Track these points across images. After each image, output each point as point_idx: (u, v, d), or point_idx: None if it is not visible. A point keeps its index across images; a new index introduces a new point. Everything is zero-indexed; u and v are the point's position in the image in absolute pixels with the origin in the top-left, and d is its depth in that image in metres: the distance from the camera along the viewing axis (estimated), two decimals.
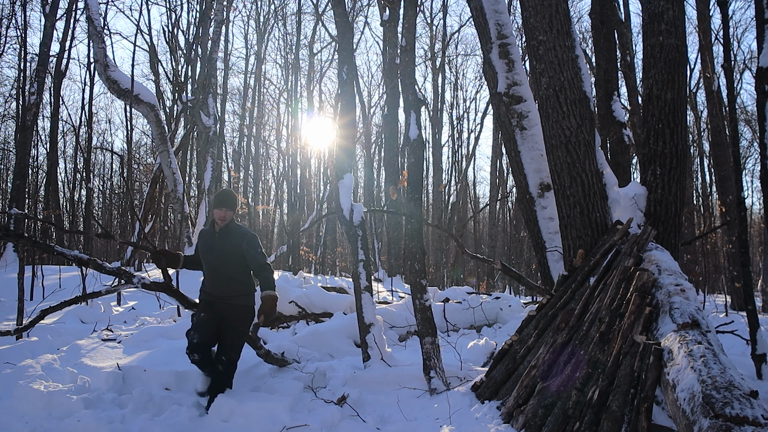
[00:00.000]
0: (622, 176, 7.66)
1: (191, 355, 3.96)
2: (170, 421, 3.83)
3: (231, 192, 4.34)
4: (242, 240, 4.15)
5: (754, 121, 23.80)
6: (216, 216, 4.18)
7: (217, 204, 4.18)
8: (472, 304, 8.50)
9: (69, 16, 17.59)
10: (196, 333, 4.00)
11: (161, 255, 4.38)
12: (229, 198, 4.23)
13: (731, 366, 2.46)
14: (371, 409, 4.21)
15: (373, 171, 27.85)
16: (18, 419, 3.77)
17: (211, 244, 4.19)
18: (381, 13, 16.18)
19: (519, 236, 25.02)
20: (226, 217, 4.17)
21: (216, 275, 4.17)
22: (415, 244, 5.03)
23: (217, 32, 17.23)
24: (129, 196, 17.92)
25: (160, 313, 9.13)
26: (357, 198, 26.84)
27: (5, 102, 22.97)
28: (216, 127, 17.32)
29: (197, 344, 3.97)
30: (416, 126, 5.24)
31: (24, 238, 3.18)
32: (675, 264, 3.71)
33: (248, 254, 4.14)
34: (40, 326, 6.90)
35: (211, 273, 4.19)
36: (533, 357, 3.96)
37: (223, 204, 4.18)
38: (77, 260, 4.01)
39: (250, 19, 31.69)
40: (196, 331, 4.01)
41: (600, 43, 8.76)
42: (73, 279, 11.82)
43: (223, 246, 4.14)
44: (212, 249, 4.17)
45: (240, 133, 28.59)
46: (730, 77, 6.28)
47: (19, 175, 14.78)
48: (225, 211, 4.17)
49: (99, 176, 29.19)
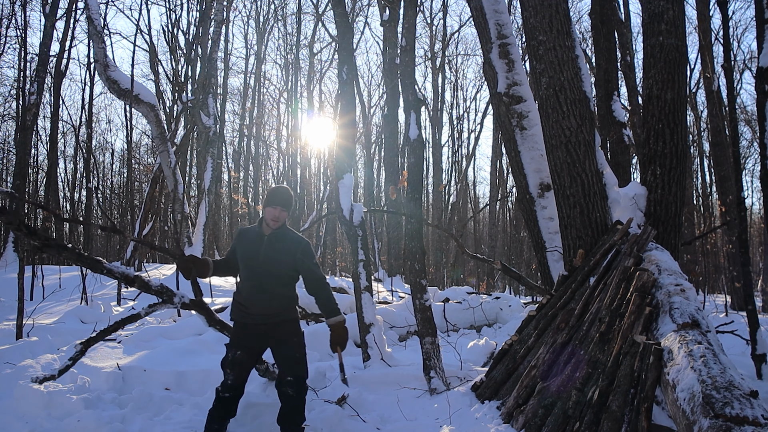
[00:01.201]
0: (622, 176, 7.66)
1: (223, 393, 3.55)
2: (170, 421, 3.84)
3: (287, 189, 3.63)
4: (297, 248, 3.51)
5: (754, 121, 23.79)
6: (268, 216, 3.50)
7: (270, 201, 3.50)
8: (472, 304, 8.50)
9: (69, 16, 17.58)
10: (232, 373, 3.54)
11: (191, 263, 3.55)
12: (285, 196, 3.54)
13: (731, 366, 2.46)
14: (371, 408, 4.21)
15: (373, 171, 27.84)
16: (18, 419, 3.77)
17: (258, 248, 3.51)
18: (381, 13, 16.17)
19: (519, 236, 25.02)
20: (280, 218, 3.51)
21: (259, 286, 3.51)
22: (415, 244, 5.03)
23: (217, 32, 17.22)
24: (129, 196, 17.92)
25: (160, 313, 9.13)
26: (357, 198, 26.83)
27: (5, 102, 22.97)
28: (216, 127, 17.31)
29: (232, 386, 3.55)
30: (416, 126, 5.24)
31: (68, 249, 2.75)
32: (675, 264, 3.71)
33: (303, 266, 3.52)
34: (39, 326, 6.91)
35: (253, 283, 3.53)
36: (533, 357, 3.96)
37: (278, 202, 3.50)
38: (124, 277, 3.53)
39: (250, 19, 31.68)
40: (233, 371, 3.54)
41: (600, 43, 8.76)
42: (73, 279, 11.82)
43: (274, 253, 3.49)
44: (258, 255, 3.50)
45: (240, 133, 28.59)
46: (730, 77, 6.28)
47: (19, 175, 14.77)
48: (280, 211, 3.49)
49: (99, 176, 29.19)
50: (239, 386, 3.59)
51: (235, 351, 3.57)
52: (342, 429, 3.82)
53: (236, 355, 3.55)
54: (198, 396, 4.34)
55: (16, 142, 18.56)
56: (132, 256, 15.61)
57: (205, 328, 6.40)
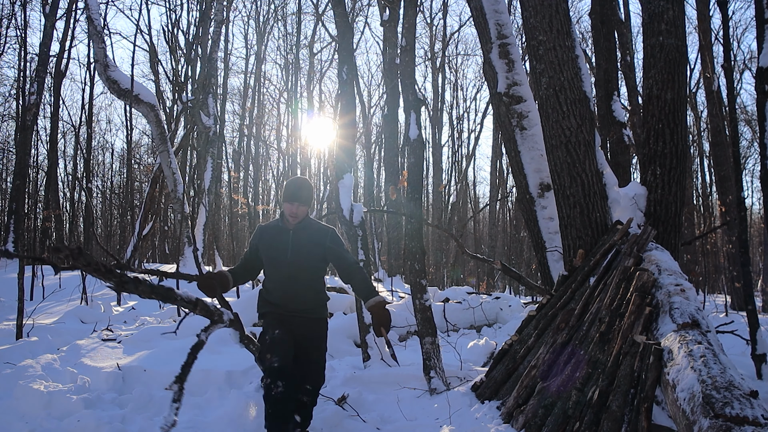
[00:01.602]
0: (622, 176, 7.65)
1: (274, 385, 3.02)
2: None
3: (303, 181, 3.40)
4: (325, 238, 3.33)
5: (754, 121, 23.79)
6: (287, 212, 3.32)
7: (286, 197, 3.31)
8: (472, 304, 8.50)
9: (69, 16, 17.59)
10: (274, 355, 3.12)
11: (212, 280, 3.26)
12: (301, 190, 3.32)
13: (731, 366, 2.46)
14: (371, 408, 4.21)
15: (373, 171, 27.85)
16: (18, 419, 3.77)
17: (285, 244, 3.31)
18: (381, 13, 16.17)
19: (519, 236, 25.02)
20: (298, 214, 3.33)
21: (290, 283, 3.30)
22: (415, 244, 5.03)
23: (217, 32, 17.24)
24: (129, 196, 17.91)
25: (160, 313, 9.13)
26: (357, 198, 26.83)
27: (5, 102, 22.98)
28: (216, 127, 17.32)
29: (279, 369, 3.06)
30: (416, 126, 5.24)
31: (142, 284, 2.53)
32: (675, 264, 3.71)
33: (334, 254, 3.34)
34: (39, 326, 6.91)
35: (283, 281, 3.31)
36: (533, 357, 3.96)
37: (295, 198, 3.30)
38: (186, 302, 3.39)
39: (250, 19, 31.65)
40: (273, 353, 3.13)
41: (600, 43, 8.76)
42: (73, 279, 11.82)
43: (302, 247, 3.30)
44: (286, 250, 3.30)
45: (240, 133, 28.61)
46: (730, 77, 6.28)
47: (19, 175, 14.78)
48: (297, 207, 3.30)
49: (99, 176, 29.19)
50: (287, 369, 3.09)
51: (273, 331, 3.24)
52: (342, 429, 3.81)
53: (275, 334, 3.21)
54: (198, 396, 4.34)
55: (16, 142, 18.56)
56: (132, 255, 15.60)
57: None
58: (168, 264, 18.14)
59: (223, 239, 25.70)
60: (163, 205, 19.28)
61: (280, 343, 3.17)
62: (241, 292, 10.42)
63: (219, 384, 4.63)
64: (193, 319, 7.03)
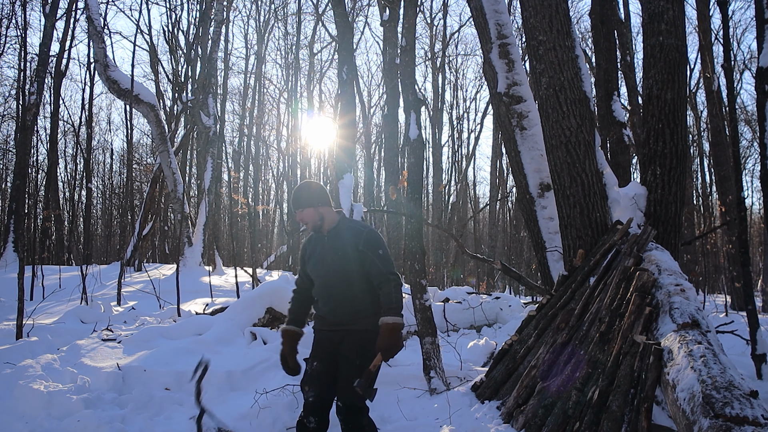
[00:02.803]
0: (622, 176, 7.65)
1: (307, 420, 2.95)
2: (170, 421, 3.84)
3: (303, 185, 3.16)
4: (358, 239, 3.03)
5: (754, 121, 23.78)
6: (298, 221, 3.16)
7: (294, 205, 3.12)
8: (472, 304, 8.50)
9: (69, 16, 17.60)
10: (311, 390, 2.99)
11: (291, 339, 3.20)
12: (302, 194, 3.09)
13: (731, 366, 2.46)
14: (371, 408, 4.19)
15: (373, 171, 27.85)
16: (18, 419, 3.77)
17: (322, 253, 3.12)
18: (381, 13, 16.16)
19: (519, 236, 25.02)
20: (308, 220, 3.09)
21: (330, 292, 3.09)
22: (415, 244, 5.03)
23: (217, 32, 17.25)
24: (129, 196, 17.92)
25: (160, 313, 9.13)
26: (357, 198, 26.83)
27: (5, 102, 22.98)
28: (216, 127, 17.32)
29: (313, 404, 2.96)
30: (416, 126, 5.24)
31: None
32: (675, 264, 3.71)
33: (365, 258, 3.00)
34: (39, 326, 6.91)
35: (324, 291, 3.12)
36: (533, 357, 3.96)
37: (297, 204, 3.09)
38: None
39: (250, 19, 31.71)
40: (311, 387, 3.00)
41: (600, 43, 8.76)
42: (73, 279, 11.83)
43: (336, 252, 3.06)
44: (323, 259, 3.10)
45: (240, 133, 28.62)
46: (730, 77, 6.28)
47: (19, 175, 14.77)
48: (302, 212, 3.08)
49: (99, 176, 29.20)
50: (322, 406, 3.01)
51: (311, 363, 3.10)
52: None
53: (312, 366, 3.08)
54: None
55: (16, 142, 18.57)
56: (132, 255, 15.61)
57: (206, 328, 6.39)
58: (168, 264, 18.14)
59: (223, 239, 25.69)
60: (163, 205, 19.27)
61: (318, 377, 3.04)
62: (241, 293, 10.42)
63: (219, 384, 4.62)
64: (192, 319, 7.04)
